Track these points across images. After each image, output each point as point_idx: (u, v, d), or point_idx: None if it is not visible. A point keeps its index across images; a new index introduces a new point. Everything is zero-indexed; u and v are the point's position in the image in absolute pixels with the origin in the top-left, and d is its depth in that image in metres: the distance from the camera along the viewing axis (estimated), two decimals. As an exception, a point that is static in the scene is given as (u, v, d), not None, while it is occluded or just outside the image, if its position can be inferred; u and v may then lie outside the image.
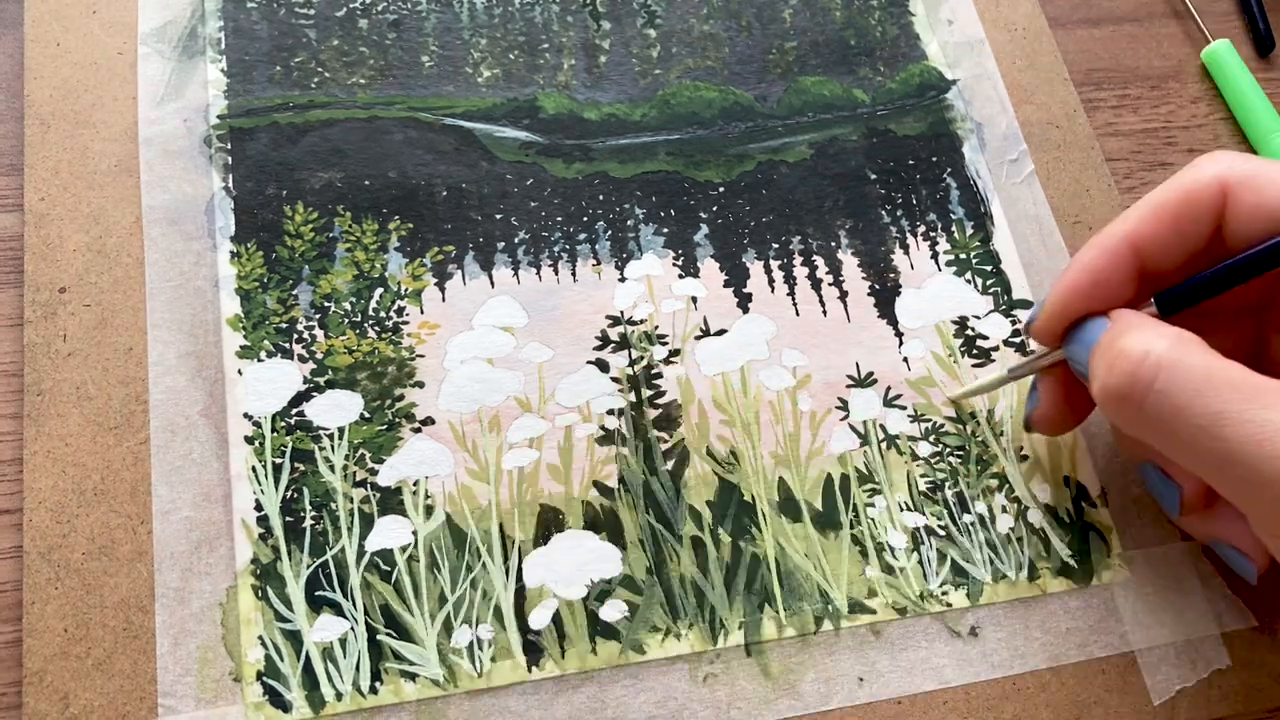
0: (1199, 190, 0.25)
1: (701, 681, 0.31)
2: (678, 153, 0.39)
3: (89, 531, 0.30)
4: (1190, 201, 0.25)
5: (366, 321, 0.34)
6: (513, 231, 0.36)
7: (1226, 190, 0.25)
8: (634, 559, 0.32)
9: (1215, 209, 0.25)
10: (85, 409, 0.32)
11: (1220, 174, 0.25)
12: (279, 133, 0.37)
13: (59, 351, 0.32)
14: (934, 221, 0.39)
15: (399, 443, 0.33)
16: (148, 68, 0.37)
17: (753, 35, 0.41)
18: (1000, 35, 0.43)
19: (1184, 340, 0.24)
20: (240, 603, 0.30)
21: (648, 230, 0.37)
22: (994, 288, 0.38)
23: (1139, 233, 0.26)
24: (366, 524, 0.31)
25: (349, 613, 0.30)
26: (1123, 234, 0.26)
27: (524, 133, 0.38)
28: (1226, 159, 0.26)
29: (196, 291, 0.34)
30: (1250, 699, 0.32)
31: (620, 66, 0.40)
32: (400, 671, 0.30)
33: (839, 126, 0.40)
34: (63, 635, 0.29)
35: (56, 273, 0.33)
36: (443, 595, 0.31)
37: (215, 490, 0.31)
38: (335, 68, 0.38)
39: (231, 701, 0.29)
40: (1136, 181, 0.42)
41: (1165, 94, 0.44)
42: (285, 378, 0.33)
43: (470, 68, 0.39)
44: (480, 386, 0.34)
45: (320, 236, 0.35)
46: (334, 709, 0.29)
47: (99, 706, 0.28)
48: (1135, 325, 0.25)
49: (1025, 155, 0.40)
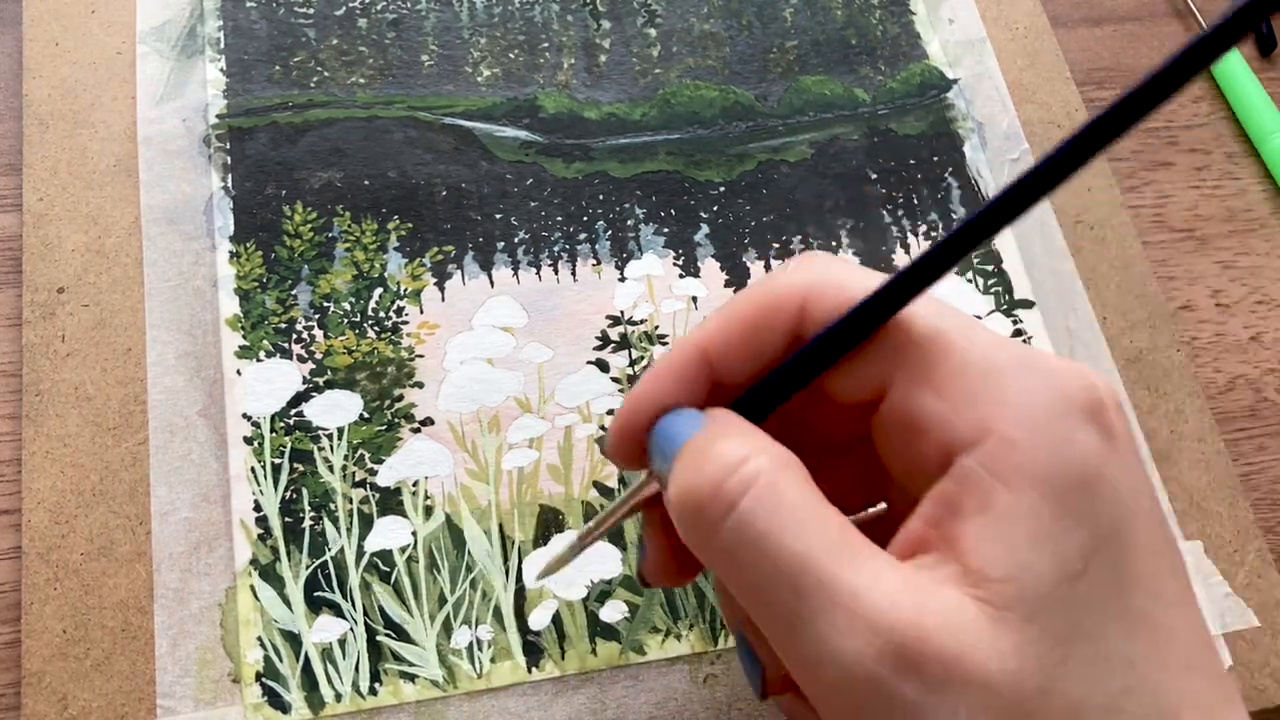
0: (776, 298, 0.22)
1: (702, 682, 0.31)
2: (678, 152, 0.39)
3: (88, 532, 0.30)
4: (766, 310, 0.22)
5: (366, 321, 0.34)
6: (512, 231, 0.36)
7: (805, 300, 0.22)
8: (634, 560, 0.32)
9: (791, 319, 0.22)
10: (84, 409, 0.31)
11: (800, 284, 0.22)
12: (278, 132, 0.37)
13: (58, 352, 0.32)
14: (935, 221, 0.39)
15: (398, 443, 0.33)
16: (147, 67, 0.37)
17: (753, 34, 0.41)
18: (1001, 34, 0.43)
19: (791, 465, 0.20)
20: (239, 603, 0.30)
21: (648, 230, 0.37)
22: (995, 288, 0.38)
23: (711, 341, 0.23)
24: (366, 524, 0.31)
25: (348, 613, 0.30)
26: (694, 342, 0.23)
27: (524, 132, 0.38)
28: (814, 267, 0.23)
29: (195, 291, 0.34)
30: (1252, 700, 0.32)
31: (620, 66, 0.40)
32: (400, 672, 0.30)
33: (840, 126, 0.40)
34: (61, 636, 0.29)
35: (55, 273, 0.33)
36: (442, 596, 0.31)
37: (214, 491, 0.31)
38: (334, 67, 0.38)
39: (230, 702, 0.29)
40: (1138, 181, 0.42)
41: (1167, 93, 0.44)
42: (284, 378, 0.33)
43: (470, 67, 0.39)
44: (480, 387, 0.34)
45: (319, 236, 0.35)
46: (333, 710, 0.29)
47: (98, 707, 0.28)
48: (739, 431, 0.21)
49: (1027, 155, 0.40)
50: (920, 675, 0.18)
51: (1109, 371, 0.37)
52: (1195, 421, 0.36)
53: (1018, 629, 0.18)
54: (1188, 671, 0.19)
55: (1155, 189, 0.42)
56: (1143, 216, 0.41)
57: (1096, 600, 0.19)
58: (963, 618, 0.18)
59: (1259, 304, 0.40)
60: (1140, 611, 0.19)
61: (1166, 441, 0.36)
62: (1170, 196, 0.42)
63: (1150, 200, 0.42)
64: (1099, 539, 0.19)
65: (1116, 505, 0.19)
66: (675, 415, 0.23)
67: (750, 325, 0.22)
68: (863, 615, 0.18)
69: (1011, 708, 0.18)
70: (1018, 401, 0.19)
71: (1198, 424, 0.36)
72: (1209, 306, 0.40)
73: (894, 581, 0.19)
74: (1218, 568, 0.34)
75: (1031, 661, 0.18)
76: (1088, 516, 0.19)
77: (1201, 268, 0.41)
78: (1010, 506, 0.19)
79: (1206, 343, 0.39)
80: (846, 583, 0.19)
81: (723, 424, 0.22)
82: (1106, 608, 0.19)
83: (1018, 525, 0.19)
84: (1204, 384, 0.38)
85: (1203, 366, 0.39)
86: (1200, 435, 0.36)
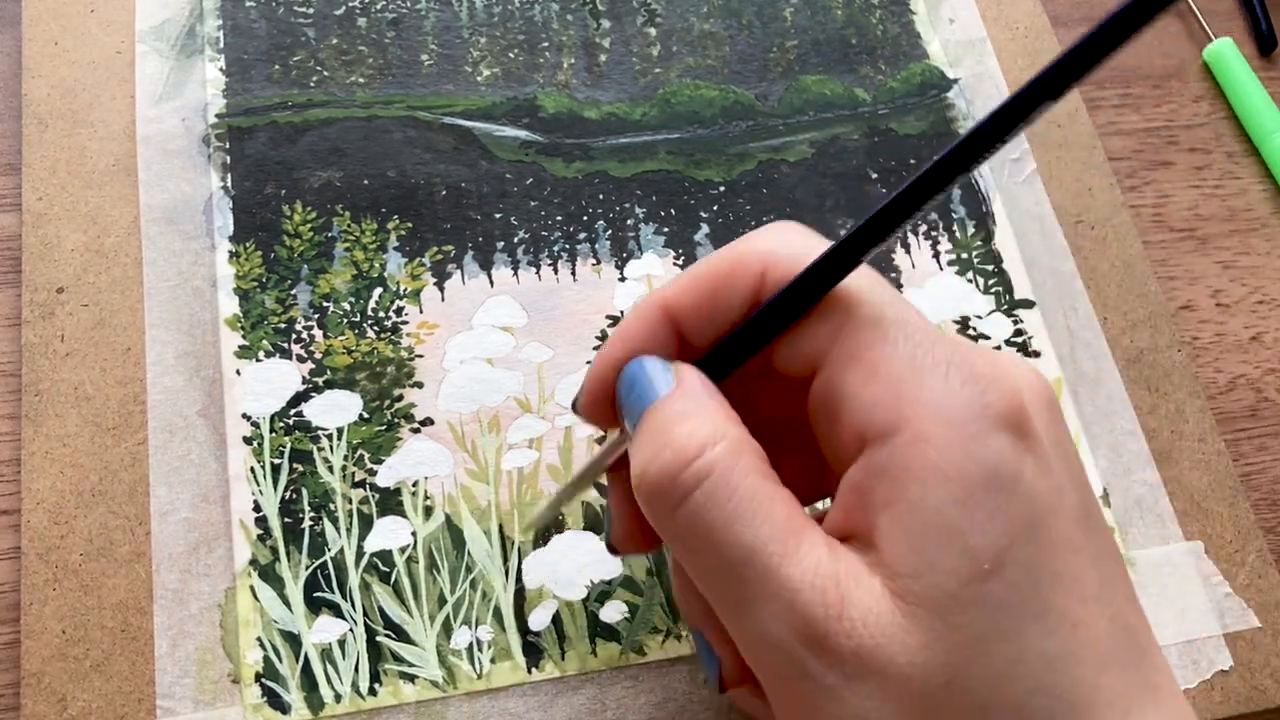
0: (739, 262, 0.22)
1: (702, 683, 0.31)
2: (678, 152, 0.38)
3: (87, 532, 0.30)
4: (730, 273, 0.22)
5: (365, 321, 0.34)
6: (512, 231, 0.36)
7: (765, 265, 0.22)
8: (634, 560, 0.32)
9: (752, 284, 0.22)
10: (83, 409, 0.31)
11: (761, 249, 0.22)
12: (278, 132, 0.36)
13: (57, 352, 0.32)
14: (935, 221, 0.39)
15: (398, 443, 0.33)
16: (146, 66, 0.37)
17: (753, 34, 0.41)
18: (1002, 34, 0.42)
19: (743, 448, 0.21)
20: (239, 604, 0.30)
21: (648, 229, 0.37)
22: (996, 287, 0.38)
23: (676, 300, 0.23)
24: (365, 525, 0.31)
25: (348, 614, 0.30)
26: (659, 300, 0.23)
27: (524, 132, 0.38)
28: (780, 235, 0.23)
29: (195, 291, 0.34)
30: (1253, 700, 0.32)
31: (620, 65, 0.40)
32: (399, 673, 0.30)
33: (840, 125, 0.40)
34: (61, 637, 0.29)
35: (54, 273, 0.33)
36: (442, 596, 0.31)
37: (214, 491, 0.31)
38: (334, 66, 0.38)
39: (230, 703, 0.29)
40: (1139, 181, 0.42)
41: (1167, 93, 0.44)
42: (284, 378, 0.33)
43: (470, 66, 0.39)
44: (480, 387, 0.34)
45: (319, 236, 0.35)
46: (333, 710, 0.29)
47: (97, 708, 0.28)
48: (699, 408, 0.22)
49: (1027, 154, 0.40)
50: (840, 664, 0.19)
51: (1108, 372, 0.37)
52: (1196, 421, 0.36)
53: (927, 625, 0.19)
54: (1106, 666, 0.19)
55: (1155, 189, 0.42)
56: (1143, 216, 0.41)
57: (1011, 598, 0.19)
58: (879, 610, 0.19)
59: (1259, 304, 0.40)
60: (1058, 608, 0.19)
61: (1167, 441, 0.36)
62: (1170, 196, 0.42)
63: (1150, 200, 0.42)
64: (1012, 537, 0.19)
65: (1032, 504, 0.19)
66: (641, 363, 0.23)
67: (711, 287, 0.23)
68: (794, 605, 0.19)
69: (919, 700, 0.19)
70: (936, 400, 0.20)
71: (1198, 424, 0.36)
72: (1209, 306, 0.40)
73: (826, 572, 0.20)
74: (1218, 568, 0.34)
75: (940, 657, 0.19)
76: (1001, 516, 0.19)
77: (1202, 268, 0.41)
78: (918, 502, 0.19)
79: (1207, 343, 0.39)
80: (783, 574, 0.20)
81: (686, 393, 0.22)
82: (1022, 606, 0.19)
83: (925, 522, 0.19)
84: (1204, 384, 0.38)
85: (1203, 366, 0.39)
86: (1201, 435, 0.36)
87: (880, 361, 0.20)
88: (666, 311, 0.23)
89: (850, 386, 0.21)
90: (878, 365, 0.20)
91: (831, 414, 0.21)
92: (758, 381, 0.24)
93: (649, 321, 0.23)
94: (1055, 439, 0.21)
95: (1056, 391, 0.36)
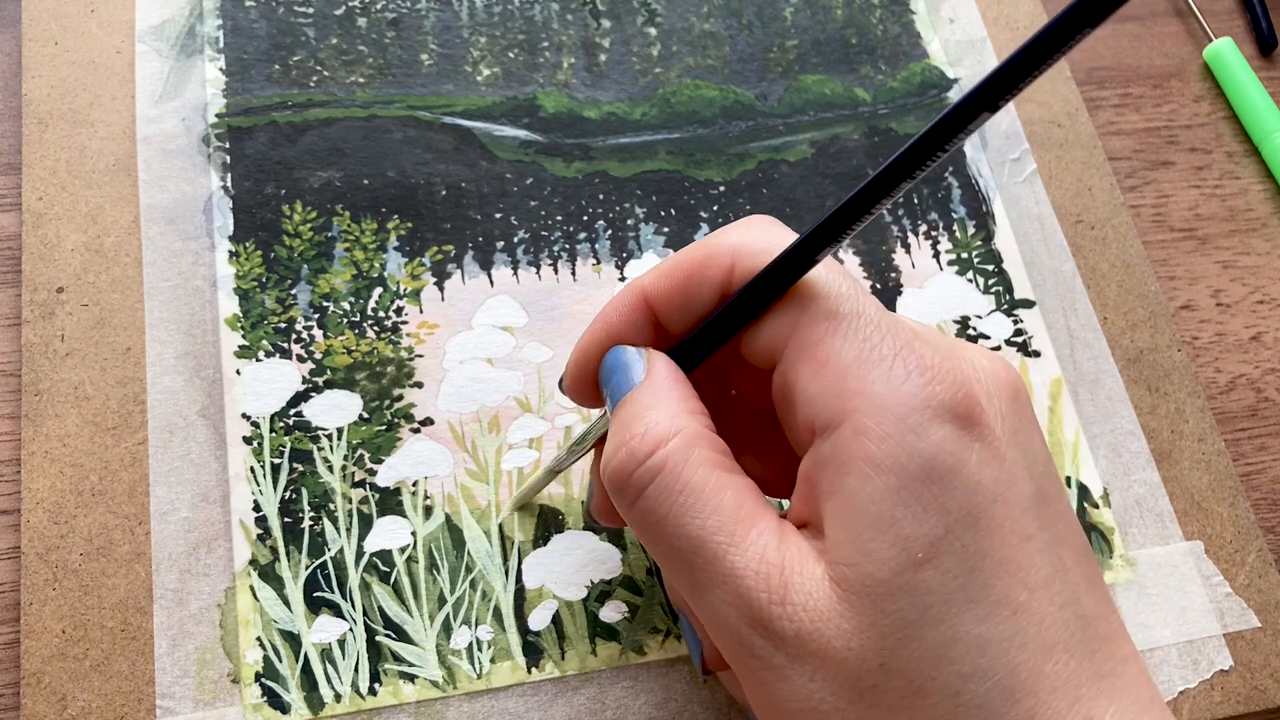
0: (711, 255, 0.23)
1: (702, 682, 0.31)
2: (678, 151, 0.38)
3: (87, 532, 0.30)
4: (702, 265, 0.23)
5: (365, 321, 0.34)
6: (512, 231, 0.36)
7: (735, 258, 0.23)
8: (634, 560, 0.32)
9: (722, 276, 0.23)
10: (83, 409, 0.31)
11: (732, 243, 0.23)
12: (277, 132, 0.36)
13: (57, 351, 0.32)
14: (935, 221, 0.39)
15: (398, 443, 0.33)
16: (146, 66, 0.37)
17: (753, 33, 0.41)
18: (1002, 34, 0.42)
19: (696, 440, 0.22)
20: (238, 604, 0.30)
21: (648, 229, 0.37)
22: (996, 287, 0.38)
23: (653, 289, 0.24)
24: (365, 525, 0.31)
25: (348, 614, 0.30)
26: (638, 288, 0.24)
27: (524, 131, 0.38)
28: (751, 229, 0.24)
29: (195, 291, 0.34)
30: (1253, 700, 0.32)
31: (620, 65, 0.40)
32: (399, 673, 0.30)
33: (840, 125, 0.40)
34: (60, 636, 0.29)
35: (54, 272, 0.33)
36: (442, 596, 0.31)
37: (213, 491, 0.31)
38: (334, 66, 0.38)
39: (230, 703, 0.29)
40: (1139, 180, 0.42)
41: (1167, 93, 0.44)
42: (284, 378, 0.33)
43: (469, 66, 0.39)
44: (480, 386, 0.34)
45: (319, 236, 0.35)
46: (333, 710, 0.29)
47: (97, 708, 0.28)
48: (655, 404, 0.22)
49: (1027, 154, 0.40)
50: (783, 646, 0.20)
51: (1108, 372, 0.36)
52: (1196, 421, 0.36)
53: (861, 610, 0.20)
54: (1051, 652, 0.20)
55: (1155, 189, 0.42)
56: (1143, 216, 0.41)
57: (946, 586, 0.20)
58: (819, 596, 0.20)
59: (1259, 304, 0.40)
60: (999, 595, 0.20)
61: (1167, 441, 0.36)
62: (1170, 196, 0.42)
63: (1150, 200, 0.42)
64: (949, 527, 0.20)
65: (973, 495, 0.20)
66: (618, 353, 0.24)
67: (684, 277, 0.24)
68: (739, 591, 0.21)
69: (854, 682, 0.20)
70: (878, 392, 0.20)
71: (1198, 424, 0.36)
72: (1209, 306, 0.40)
73: (771, 559, 0.21)
74: (1218, 568, 0.34)
75: (873, 642, 0.20)
76: (936, 506, 0.20)
77: (1202, 267, 0.41)
78: (855, 493, 0.20)
79: (1207, 343, 0.39)
80: (728, 561, 0.21)
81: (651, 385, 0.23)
82: (958, 593, 0.20)
83: (861, 512, 0.20)
84: (1204, 384, 0.38)
85: (1203, 366, 0.39)
86: (1201, 435, 0.36)
87: (830, 355, 0.21)
88: (645, 299, 0.24)
89: (801, 379, 0.21)
90: (827, 359, 0.21)
91: (788, 405, 0.22)
92: (745, 371, 0.25)
93: (629, 308, 0.25)
94: (1013, 428, 0.21)
95: (1056, 391, 0.36)
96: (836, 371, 0.21)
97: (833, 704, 0.20)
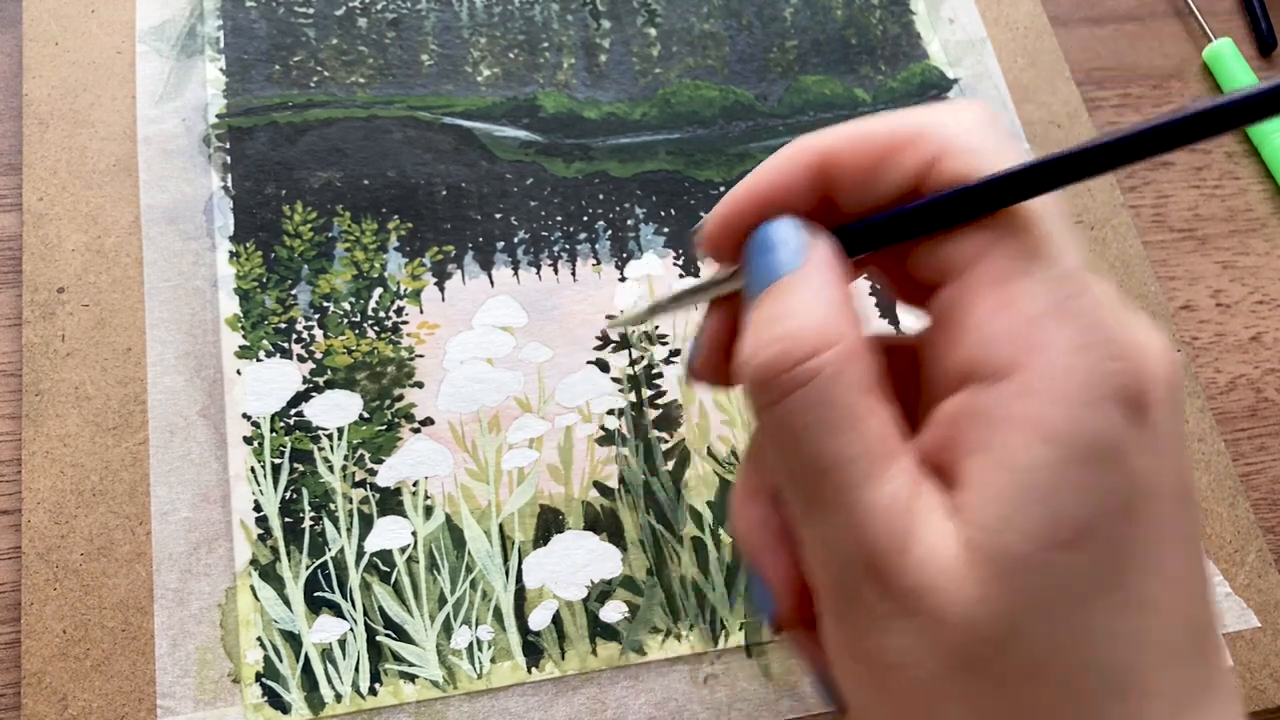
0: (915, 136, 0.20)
1: (702, 682, 0.31)
2: (678, 152, 0.38)
3: (87, 532, 0.30)
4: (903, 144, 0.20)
5: (366, 321, 0.34)
6: (512, 231, 0.36)
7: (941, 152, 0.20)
8: (634, 560, 0.32)
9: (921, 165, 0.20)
10: (84, 409, 0.31)
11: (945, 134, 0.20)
12: (278, 132, 0.36)
13: (57, 352, 0.32)
14: (935, 221, 0.39)
15: (398, 443, 0.33)
16: (146, 66, 0.37)
17: (753, 34, 0.41)
18: (1002, 34, 0.42)
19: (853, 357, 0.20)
20: (239, 604, 0.30)
21: (648, 230, 0.37)
22: (995, 287, 0.38)
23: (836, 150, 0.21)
24: (366, 525, 0.31)
25: (348, 614, 0.30)
26: (817, 148, 0.21)
27: (524, 132, 0.38)
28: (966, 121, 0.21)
29: (195, 291, 0.34)
30: (1253, 700, 0.32)
31: (620, 65, 0.40)
32: (400, 673, 0.30)
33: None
34: (61, 636, 0.29)
35: (55, 273, 0.33)
36: (442, 596, 0.31)
37: (214, 491, 0.31)
38: (334, 67, 0.38)
39: (230, 703, 0.29)
40: (1138, 181, 0.42)
41: (1167, 93, 0.44)
42: (284, 378, 0.33)
43: (470, 67, 0.39)
44: (480, 386, 0.34)
45: (319, 236, 0.35)
46: (333, 710, 0.29)
47: (97, 708, 0.28)
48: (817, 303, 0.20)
49: (1027, 155, 0.40)
50: (892, 596, 0.19)
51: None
52: (1195, 421, 0.36)
53: (989, 581, 0.18)
54: (1169, 657, 0.19)
55: (1155, 189, 0.42)
56: (1143, 216, 0.41)
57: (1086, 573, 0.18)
58: (944, 554, 0.19)
59: (1259, 304, 0.40)
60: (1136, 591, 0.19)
61: (1167, 441, 0.36)
62: (1170, 196, 0.42)
63: (1150, 200, 0.42)
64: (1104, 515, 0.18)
65: (1130, 484, 0.19)
66: (779, 226, 0.21)
67: (879, 153, 0.21)
68: (862, 527, 0.19)
69: (962, 652, 0.18)
70: (1057, 356, 0.18)
71: (1198, 424, 0.36)
72: (1209, 306, 0.40)
73: (901, 503, 0.19)
74: (1218, 568, 0.34)
75: (998, 616, 0.18)
76: (1095, 489, 0.18)
77: (1202, 268, 0.41)
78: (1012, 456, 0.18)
79: (1207, 343, 0.39)
80: (859, 494, 0.19)
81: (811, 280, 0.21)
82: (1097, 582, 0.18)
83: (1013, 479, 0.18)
84: (1204, 384, 0.38)
85: (1203, 366, 0.39)
86: (1200, 435, 0.36)
87: (1017, 296, 0.19)
88: (821, 163, 0.21)
89: (979, 312, 0.19)
90: (1013, 300, 0.19)
91: (947, 332, 0.20)
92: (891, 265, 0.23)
93: (798, 168, 0.22)
94: (1170, 419, 0.20)
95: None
96: (1020, 315, 0.19)
97: (931, 669, 0.19)
